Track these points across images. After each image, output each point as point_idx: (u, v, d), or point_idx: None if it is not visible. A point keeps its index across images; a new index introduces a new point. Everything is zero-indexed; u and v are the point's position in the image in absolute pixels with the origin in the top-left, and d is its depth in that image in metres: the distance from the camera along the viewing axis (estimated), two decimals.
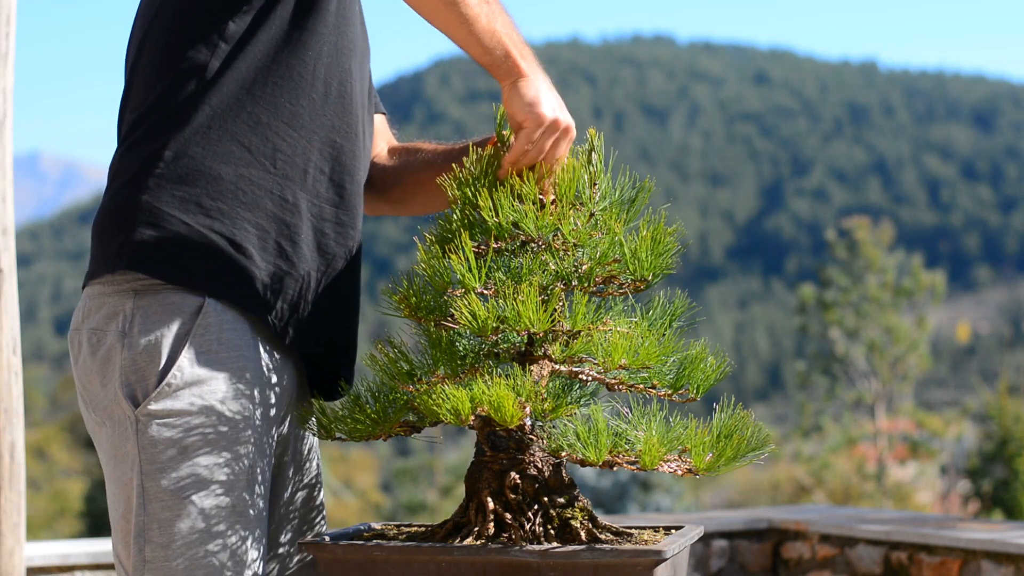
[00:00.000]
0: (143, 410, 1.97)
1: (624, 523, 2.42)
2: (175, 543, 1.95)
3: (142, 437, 1.97)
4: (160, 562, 1.96)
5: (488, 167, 2.04)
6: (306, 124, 2.08)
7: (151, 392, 1.96)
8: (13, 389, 3.30)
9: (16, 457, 3.32)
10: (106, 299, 2.02)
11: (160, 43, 2.08)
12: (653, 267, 1.97)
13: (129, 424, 1.98)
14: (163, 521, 1.96)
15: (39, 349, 75.07)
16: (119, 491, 2.00)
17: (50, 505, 24.89)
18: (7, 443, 3.30)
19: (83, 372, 2.04)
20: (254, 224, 2.03)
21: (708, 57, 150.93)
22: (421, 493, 22.36)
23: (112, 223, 2.03)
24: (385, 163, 2.36)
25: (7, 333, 3.29)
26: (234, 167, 2.02)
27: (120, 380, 1.98)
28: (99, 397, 2.02)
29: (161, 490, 1.96)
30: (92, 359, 2.02)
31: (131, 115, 2.09)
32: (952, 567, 4.45)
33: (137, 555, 1.97)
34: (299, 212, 2.07)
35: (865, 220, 25.58)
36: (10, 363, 3.30)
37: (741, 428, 1.89)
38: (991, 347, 74.18)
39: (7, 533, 3.30)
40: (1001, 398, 18.98)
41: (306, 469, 2.20)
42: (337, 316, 2.14)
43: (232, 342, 2.00)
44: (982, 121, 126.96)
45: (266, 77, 2.05)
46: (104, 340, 2.00)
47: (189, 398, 1.96)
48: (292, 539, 2.18)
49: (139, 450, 1.97)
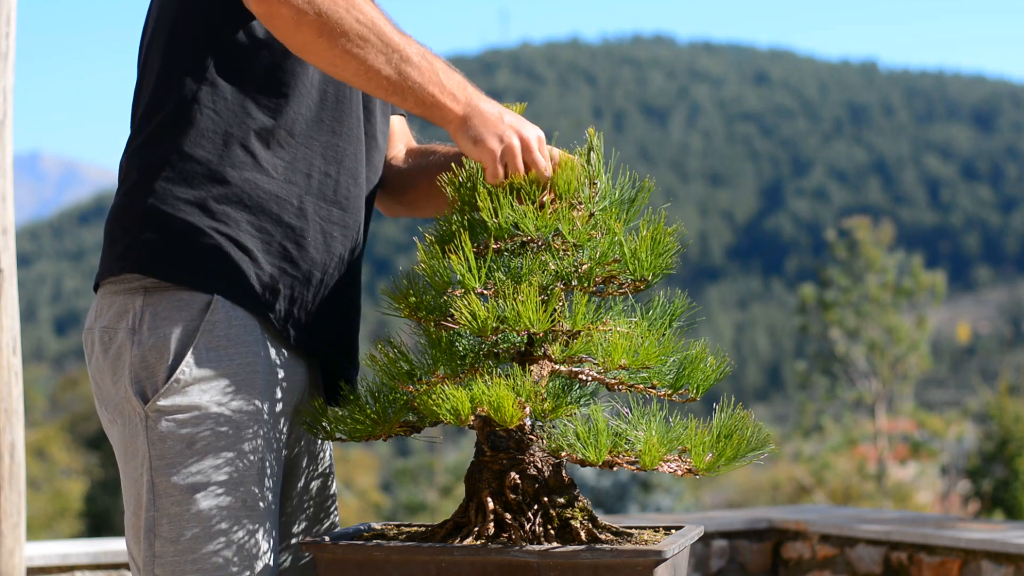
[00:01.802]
0: (152, 406, 1.99)
1: (624, 523, 2.42)
2: (184, 538, 1.97)
3: (151, 433, 1.99)
4: (170, 556, 1.97)
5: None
6: (309, 129, 2.10)
7: (160, 388, 1.99)
8: (13, 389, 3.31)
9: (16, 457, 3.32)
10: (116, 298, 2.05)
11: (165, 45, 2.10)
12: (653, 267, 1.97)
13: (139, 420, 2.00)
14: (172, 516, 1.97)
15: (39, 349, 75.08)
16: (131, 487, 2.02)
17: (50, 505, 24.89)
18: (7, 443, 3.30)
19: (96, 370, 2.07)
20: (258, 227, 2.05)
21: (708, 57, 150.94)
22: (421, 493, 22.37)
23: (120, 225, 2.07)
24: (400, 165, 2.38)
25: (7, 333, 3.29)
26: (239, 172, 2.04)
27: (130, 377, 2.01)
28: (111, 394, 2.04)
29: (170, 485, 1.97)
30: (104, 357, 2.05)
31: (140, 113, 2.12)
32: (952, 567, 4.45)
33: (147, 550, 1.99)
34: (304, 215, 2.09)
35: (865, 220, 25.58)
36: (10, 363, 3.30)
37: (741, 428, 1.89)
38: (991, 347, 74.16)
39: (7, 533, 3.30)
40: (1001, 398, 18.97)
41: (320, 459, 2.23)
42: (339, 317, 2.16)
43: (241, 338, 2.02)
44: (982, 121, 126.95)
45: (270, 83, 2.07)
46: (115, 338, 2.03)
47: (198, 394, 1.98)
48: (306, 529, 2.20)
49: (149, 446, 1.99)
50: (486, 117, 1.99)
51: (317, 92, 2.11)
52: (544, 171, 2.01)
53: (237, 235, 2.03)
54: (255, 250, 2.04)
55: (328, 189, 2.12)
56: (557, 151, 2.07)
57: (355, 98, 2.17)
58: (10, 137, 3.38)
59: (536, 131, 2.02)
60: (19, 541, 3.33)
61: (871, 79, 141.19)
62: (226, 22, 2.06)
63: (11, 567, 3.29)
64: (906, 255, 25.74)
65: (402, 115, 2.42)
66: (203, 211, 2.02)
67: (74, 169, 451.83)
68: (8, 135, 3.37)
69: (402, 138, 2.42)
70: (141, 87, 2.14)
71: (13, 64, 3.40)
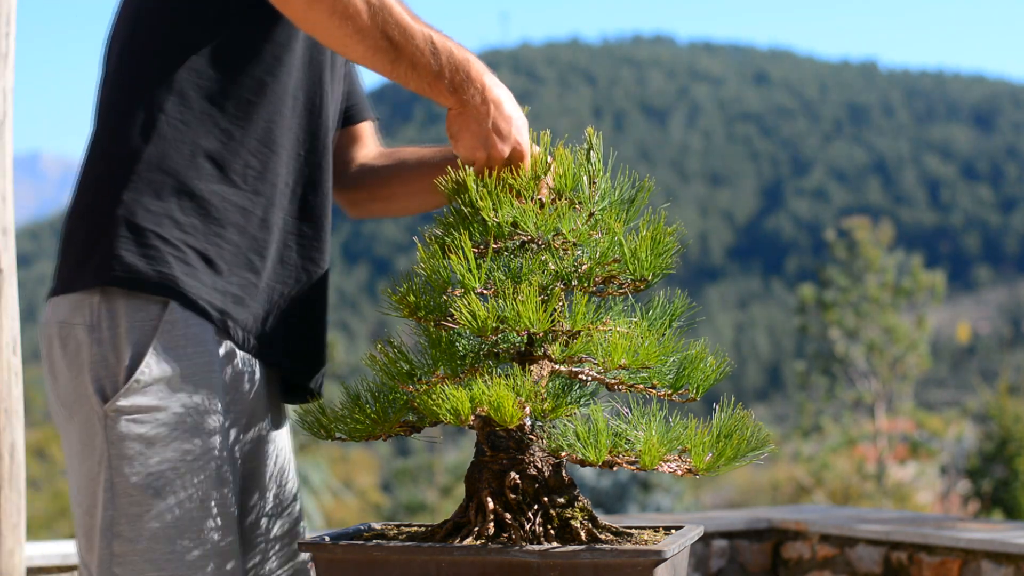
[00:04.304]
0: (112, 406, 1.98)
1: (624, 523, 2.42)
2: (144, 538, 1.96)
3: (111, 432, 1.97)
4: (129, 556, 1.97)
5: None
6: (276, 139, 2.09)
7: (120, 388, 1.98)
8: (13, 389, 3.30)
9: (16, 457, 3.32)
10: (73, 294, 2.03)
11: (130, 50, 2.09)
12: (653, 267, 1.97)
13: (97, 420, 1.99)
14: (132, 516, 1.97)
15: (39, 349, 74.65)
16: (86, 485, 2.01)
17: (50, 505, 24.90)
18: (7, 443, 3.30)
19: (52, 366, 2.06)
20: (225, 239, 2.04)
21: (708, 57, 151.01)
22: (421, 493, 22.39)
23: (86, 235, 2.04)
24: (374, 163, 2.40)
25: (7, 333, 3.29)
26: (206, 183, 2.04)
27: (90, 375, 2.00)
28: (68, 391, 2.03)
29: (129, 485, 1.96)
30: (63, 353, 2.03)
31: (105, 113, 2.09)
32: (952, 567, 4.45)
33: (104, 549, 1.98)
34: (268, 227, 2.09)
35: (865, 220, 25.61)
36: (10, 363, 3.30)
37: (741, 428, 1.89)
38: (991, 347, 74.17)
39: (7, 533, 3.30)
40: (1001, 398, 18.99)
41: (277, 456, 2.21)
42: (304, 329, 2.16)
43: (199, 337, 2.01)
44: (982, 121, 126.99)
45: (238, 92, 2.06)
46: (73, 334, 2.02)
47: (157, 394, 1.97)
48: (268, 525, 2.19)
49: (108, 445, 1.98)
50: (478, 114, 2.00)
51: (291, 100, 2.10)
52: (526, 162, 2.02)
53: (205, 248, 2.02)
54: (222, 263, 2.03)
55: (287, 199, 2.12)
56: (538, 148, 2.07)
57: (326, 108, 2.17)
58: (10, 137, 3.38)
59: (521, 141, 2.02)
60: (19, 541, 3.33)
61: (871, 79, 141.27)
62: (190, 29, 2.05)
63: (11, 567, 3.29)
64: (906, 255, 25.77)
65: (373, 119, 2.44)
66: (171, 222, 2.01)
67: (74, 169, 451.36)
68: (8, 135, 3.37)
69: (372, 141, 2.44)
70: (107, 84, 2.12)
71: (13, 64, 3.40)
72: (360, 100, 2.41)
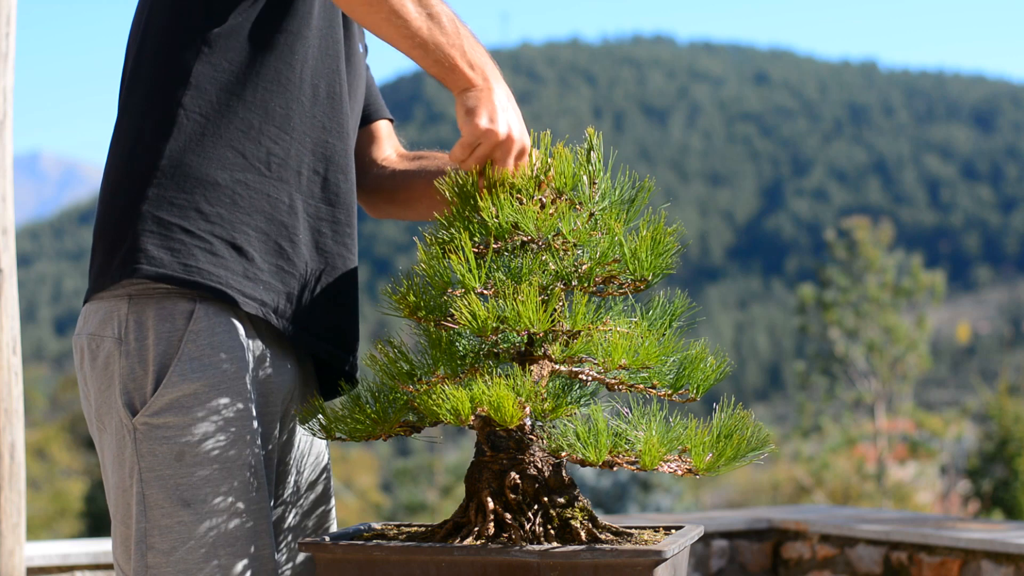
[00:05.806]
0: (140, 419, 1.98)
1: (624, 523, 2.42)
2: (177, 550, 1.96)
3: (140, 445, 1.98)
4: (163, 567, 1.97)
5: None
6: (297, 126, 2.10)
7: (148, 400, 1.98)
8: (13, 389, 3.30)
9: (16, 457, 3.32)
10: (102, 304, 2.04)
11: (146, 47, 2.10)
12: (653, 267, 1.97)
13: (127, 433, 1.99)
14: (164, 528, 1.97)
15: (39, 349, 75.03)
16: (120, 496, 2.01)
17: (50, 505, 24.89)
18: (7, 443, 3.30)
19: (84, 377, 2.07)
20: (253, 227, 2.05)
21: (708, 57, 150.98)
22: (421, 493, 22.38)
23: (113, 233, 2.05)
24: (394, 167, 2.39)
25: (7, 333, 3.29)
26: (230, 172, 2.04)
27: (119, 388, 2.00)
28: (99, 403, 2.04)
29: (161, 498, 1.97)
30: (92, 365, 2.04)
31: (123, 116, 2.11)
32: (952, 567, 4.45)
33: (139, 561, 1.98)
34: (295, 213, 2.10)
35: (865, 220, 25.58)
36: (10, 363, 3.30)
37: (741, 428, 1.89)
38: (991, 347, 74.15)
39: (7, 533, 3.30)
40: (1001, 398, 18.97)
41: (316, 461, 2.22)
42: (338, 313, 2.16)
43: (225, 344, 2.01)
44: (982, 121, 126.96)
45: (255, 82, 2.07)
46: (102, 346, 2.03)
47: (185, 406, 1.97)
48: (301, 532, 2.20)
49: (138, 458, 1.98)
50: (493, 96, 2.00)
51: (310, 88, 2.11)
52: (508, 172, 2.01)
53: (233, 236, 2.03)
54: (252, 250, 2.04)
55: (318, 186, 2.13)
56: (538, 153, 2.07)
57: (345, 95, 2.18)
58: (10, 137, 3.38)
59: (525, 140, 2.02)
60: (19, 541, 3.33)
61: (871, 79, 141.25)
62: (205, 22, 2.06)
63: (11, 567, 3.29)
64: (906, 255, 25.75)
65: (390, 119, 2.44)
66: (198, 214, 2.02)
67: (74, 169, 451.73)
68: (8, 135, 3.37)
69: (390, 141, 2.43)
70: (124, 83, 2.13)
71: (13, 64, 3.40)
72: (376, 100, 2.42)
